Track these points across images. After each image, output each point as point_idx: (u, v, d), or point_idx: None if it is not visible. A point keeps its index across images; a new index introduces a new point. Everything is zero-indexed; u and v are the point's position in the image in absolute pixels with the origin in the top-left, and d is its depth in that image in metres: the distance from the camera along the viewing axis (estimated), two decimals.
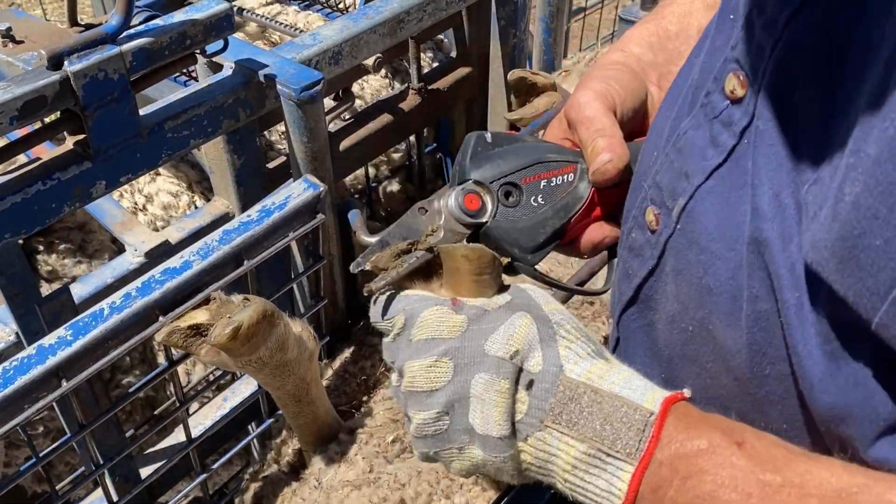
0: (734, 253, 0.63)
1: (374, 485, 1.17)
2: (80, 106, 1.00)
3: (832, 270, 0.52)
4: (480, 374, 0.67)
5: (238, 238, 1.09)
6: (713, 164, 0.66)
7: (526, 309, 0.70)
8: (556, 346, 0.68)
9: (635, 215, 0.78)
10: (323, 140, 1.20)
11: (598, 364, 0.68)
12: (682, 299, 0.70)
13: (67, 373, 0.96)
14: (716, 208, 0.65)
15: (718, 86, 0.66)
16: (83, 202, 1.06)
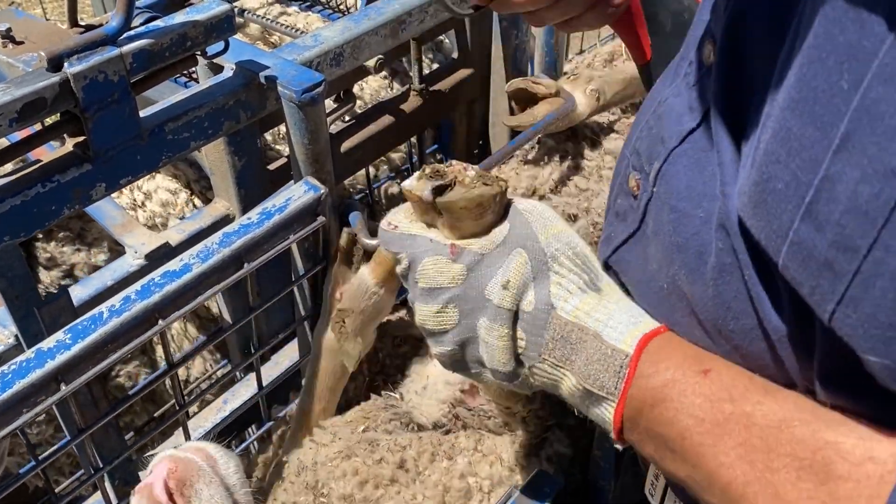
0: (700, 210, 0.66)
1: (367, 450, 1.17)
2: (80, 108, 0.99)
3: (749, 215, 0.56)
4: (483, 318, 0.74)
5: (238, 241, 1.09)
6: (688, 128, 0.69)
7: (522, 244, 0.73)
8: (547, 283, 0.72)
9: (620, 182, 0.81)
10: (324, 142, 1.19)
11: (587, 299, 0.71)
12: (658, 258, 0.73)
13: (66, 376, 0.96)
14: (686, 169, 0.68)
15: (699, 56, 0.70)
16: (83, 204, 1.05)
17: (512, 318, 0.72)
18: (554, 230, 0.74)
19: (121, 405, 1.11)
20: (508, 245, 0.73)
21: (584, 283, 0.72)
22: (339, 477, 1.16)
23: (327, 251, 1.26)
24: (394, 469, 1.16)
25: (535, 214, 0.74)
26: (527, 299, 0.72)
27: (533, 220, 0.74)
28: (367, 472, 1.15)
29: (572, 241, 0.73)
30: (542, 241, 0.72)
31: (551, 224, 0.74)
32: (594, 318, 0.70)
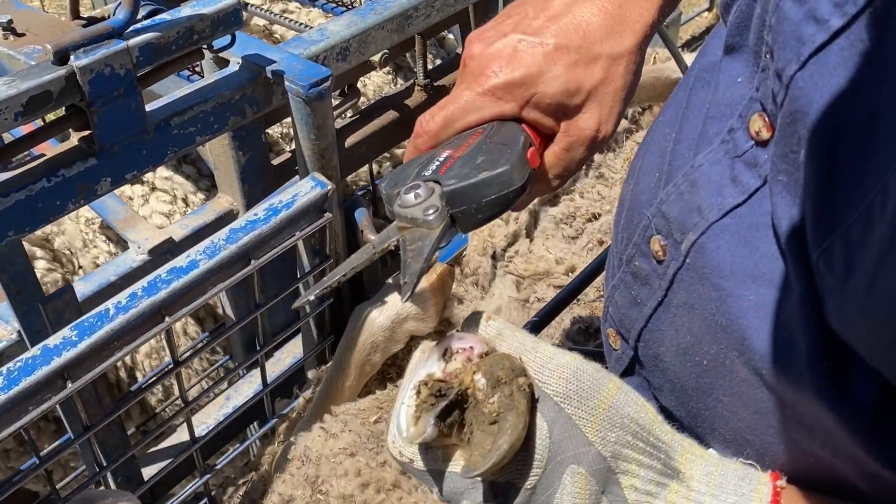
0: (750, 293, 0.62)
1: (372, 450, 1.16)
2: (85, 101, 0.98)
3: (862, 347, 0.51)
4: None
5: (245, 237, 1.07)
6: (732, 202, 0.64)
7: (574, 455, 0.60)
8: (620, 489, 0.61)
9: (637, 242, 0.76)
10: (330, 137, 1.18)
11: (671, 495, 0.62)
12: (695, 333, 0.68)
13: (73, 374, 0.95)
14: (730, 246, 0.64)
15: (743, 124, 0.64)
16: (88, 199, 1.04)
17: None
18: (602, 409, 0.61)
19: (125, 403, 1.09)
20: (558, 462, 0.60)
21: (659, 474, 0.62)
22: (340, 475, 1.15)
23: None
24: (397, 474, 1.14)
25: (573, 400, 0.61)
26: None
27: (573, 410, 0.60)
28: (370, 475, 1.14)
29: (627, 416, 0.61)
30: (595, 439, 0.60)
31: (596, 402, 0.61)
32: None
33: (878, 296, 0.47)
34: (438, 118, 0.75)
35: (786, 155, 0.57)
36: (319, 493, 1.16)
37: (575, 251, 1.62)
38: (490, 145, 0.72)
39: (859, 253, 0.49)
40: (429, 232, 0.68)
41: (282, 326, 1.42)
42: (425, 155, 0.75)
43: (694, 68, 0.79)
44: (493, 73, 0.73)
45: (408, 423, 0.61)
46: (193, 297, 1.04)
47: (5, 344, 1.13)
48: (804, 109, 0.53)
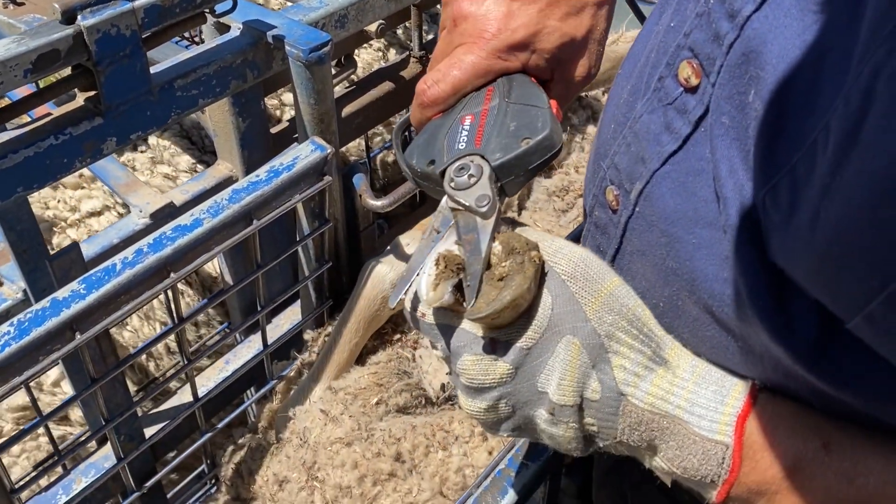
0: (693, 236, 0.64)
1: (366, 441, 1.19)
2: (92, 61, 1.00)
3: (806, 280, 0.53)
4: (541, 409, 0.67)
5: (248, 197, 1.10)
6: (668, 150, 0.66)
7: (571, 328, 0.64)
8: (609, 367, 0.64)
9: (595, 193, 0.78)
10: (330, 102, 1.21)
11: (657, 379, 0.65)
12: (649, 277, 0.71)
13: (81, 326, 0.97)
14: (672, 192, 0.66)
15: (671, 71, 0.66)
16: (94, 158, 1.06)
17: (576, 409, 0.66)
18: (603, 294, 0.64)
19: (130, 358, 1.12)
20: (555, 331, 0.64)
21: (648, 359, 0.65)
22: (337, 465, 1.18)
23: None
24: (392, 462, 1.17)
25: (578, 280, 0.64)
26: (590, 388, 0.65)
27: (577, 289, 0.64)
28: (367, 467, 1.16)
29: (625, 305, 0.65)
30: (593, 317, 0.64)
31: (599, 287, 0.64)
32: (674, 405, 0.64)
33: (820, 229, 0.49)
34: (445, 85, 0.76)
35: (731, 97, 0.59)
36: (315, 480, 1.19)
37: (563, 224, 1.65)
38: (514, 107, 0.73)
39: (803, 189, 0.51)
40: (483, 222, 0.69)
41: (280, 293, 1.44)
42: (442, 122, 0.76)
43: (653, 18, 0.80)
44: (493, 35, 0.75)
45: (427, 289, 0.65)
46: (197, 254, 1.07)
47: (11, 303, 1.16)
48: (758, 49, 0.55)
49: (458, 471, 1.19)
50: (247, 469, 1.32)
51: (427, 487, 1.17)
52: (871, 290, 0.48)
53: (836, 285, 0.51)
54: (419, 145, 0.75)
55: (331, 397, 1.28)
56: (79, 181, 1.64)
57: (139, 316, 1.62)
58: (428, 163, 0.73)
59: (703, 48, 0.62)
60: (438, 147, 0.73)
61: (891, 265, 0.46)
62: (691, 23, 0.64)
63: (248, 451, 1.32)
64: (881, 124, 0.44)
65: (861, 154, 0.45)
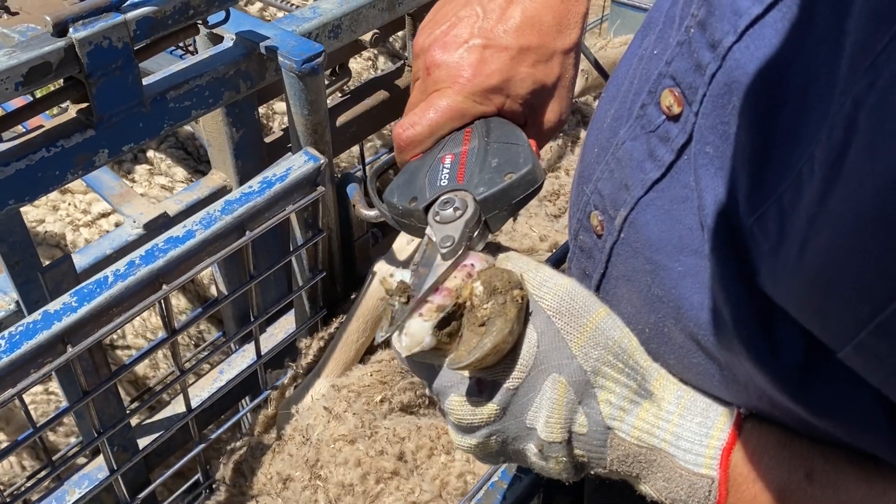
0: (679, 264, 0.64)
1: (370, 438, 1.18)
2: (84, 73, 1.00)
3: (796, 309, 0.53)
4: (530, 445, 0.68)
5: (241, 208, 1.10)
6: (652, 177, 0.66)
7: (557, 366, 0.64)
8: (595, 402, 0.65)
9: (579, 218, 0.78)
10: (323, 113, 1.21)
11: (643, 413, 0.66)
12: (635, 303, 0.71)
13: (72, 338, 0.97)
14: (657, 220, 0.66)
15: (653, 99, 0.66)
16: (86, 170, 1.06)
17: (565, 444, 0.66)
18: (589, 328, 0.65)
19: (123, 370, 1.12)
20: (541, 369, 0.64)
21: (634, 393, 0.66)
22: (340, 463, 1.18)
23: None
24: (395, 461, 1.17)
25: (563, 316, 0.65)
26: (577, 423, 0.66)
27: (563, 325, 0.65)
28: (370, 465, 1.16)
29: (611, 338, 0.65)
30: (579, 353, 0.64)
31: (584, 321, 0.65)
32: (660, 438, 0.65)
33: (808, 258, 0.49)
34: (421, 128, 0.77)
35: (715, 126, 0.58)
36: (318, 479, 1.19)
37: (558, 228, 1.64)
38: (495, 146, 0.74)
39: (791, 219, 0.51)
40: (439, 262, 0.68)
41: (274, 303, 1.44)
42: (421, 163, 0.77)
43: (636, 41, 0.80)
44: (468, 80, 0.76)
45: (406, 338, 0.65)
46: (190, 266, 1.07)
47: (3, 314, 1.15)
48: (740, 80, 0.55)
49: (459, 476, 1.19)
50: (248, 468, 1.32)
51: (428, 489, 1.17)
52: (861, 319, 0.47)
53: (825, 315, 0.51)
54: (399, 185, 0.76)
55: (334, 395, 1.28)
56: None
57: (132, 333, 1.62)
58: (410, 200, 0.73)
59: (685, 77, 0.62)
60: (419, 185, 0.74)
61: (879, 295, 0.46)
62: (672, 51, 0.64)
63: (248, 450, 1.32)
64: (863, 155, 0.44)
65: (845, 184, 0.45)
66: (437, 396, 0.69)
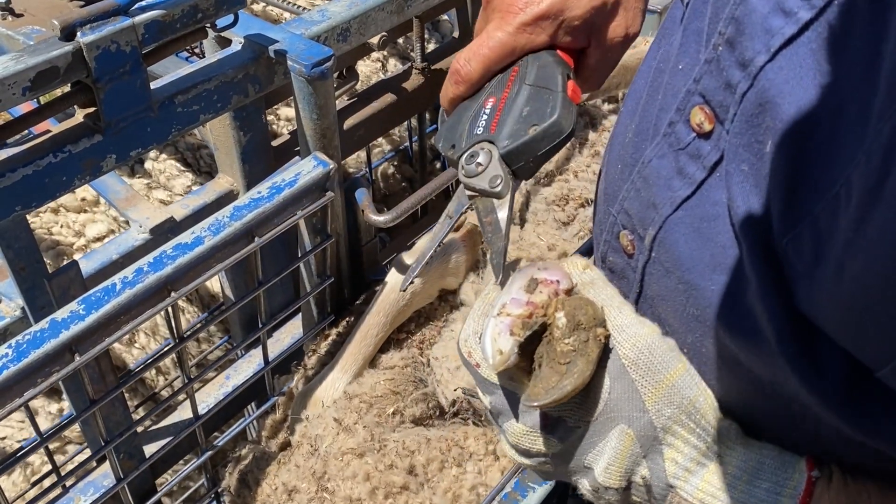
0: (712, 283, 0.63)
1: (379, 452, 1.17)
2: (92, 78, 0.98)
3: (832, 330, 0.52)
4: (584, 480, 0.67)
5: (249, 214, 1.09)
6: (681, 195, 0.65)
7: (627, 417, 0.63)
8: (661, 458, 0.64)
9: (607, 239, 0.77)
10: (332, 117, 1.19)
11: (708, 475, 0.64)
12: (671, 323, 0.70)
13: (80, 347, 0.96)
14: (687, 239, 0.65)
15: (682, 117, 0.64)
16: (94, 175, 1.05)
17: (621, 490, 0.66)
18: (664, 385, 0.63)
19: (130, 378, 1.11)
20: (610, 417, 0.63)
21: (701, 455, 0.64)
22: (348, 476, 1.16)
23: None
24: (405, 475, 1.16)
25: (640, 369, 0.64)
26: (639, 474, 0.65)
27: (638, 377, 0.63)
28: (379, 479, 1.15)
29: (686, 398, 0.64)
30: (651, 408, 0.63)
31: (661, 378, 0.63)
32: (724, 503, 0.63)
33: (845, 282, 0.49)
34: (476, 64, 0.77)
35: (750, 145, 0.57)
36: (325, 492, 1.18)
37: (566, 238, 1.63)
38: (531, 90, 0.74)
39: (826, 241, 0.50)
40: (499, 202, 0.72)
41: (280, 308, 1.43)
42: (470, 105, 0.78)
43: (652, 52, 0.78)
44: (520, 10, 0.75)
45: (493, 352, 0.63)
46: (198, 273, 1.05)
47: (9, 321, 1.14)
48: (774, 100, 0.54)
49: (471, 489, 1.17)
50: (253, 479, 1.30)
51: (439, 503, 1.15)
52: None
53: (862, 337, 0.50)
54: (447, 128, 0.78)
55: (345, 405, 1.27)
56: (81, 205, 1.62)
57: (145, 332, 1.61)
58: (450, 147, 0.76)
59: (715, 95, 0.61)
60: (460, 132, 0.76)
61: None
62: (701, 68, 0.62)
63: (253, 460, 1.31)
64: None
65: (884, 212, 0.45)
66: (495, 415, 0.68)
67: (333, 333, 1.37)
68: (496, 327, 0.64)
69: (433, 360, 1.34)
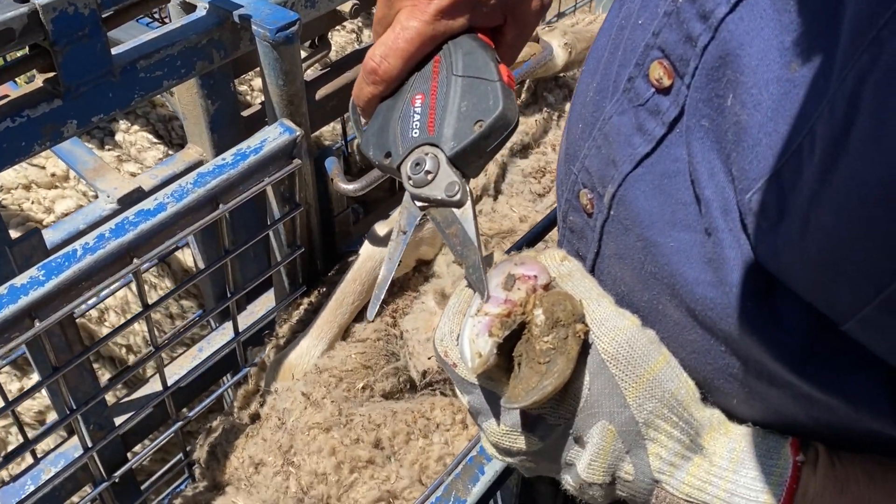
0: (671, 240, 0.62)
1: (345, 426, 1.16)
2: (49, 41, 0.97)
3: (798, 285, 0.52)
4: (567, 476, 0.66)
5: (213, 181, 1.08)
6: (641, 152, 0.64)
7: (608, 413, 0.62)
8: (644, 454, 0.63)
9: (568, 198, 0.76)
10: (299, 83, 1.18)
11: (693, 468, 0.64)
12: (628, 282, 0.69)
13: (40, 313, 0.95)
14: (646, 196, 0.64)
15: (641, 72, 0.63)
16: (54, 141, 1.04)
17: (605, 486, 0.65)
18: (645, 379, 0.62)
19: (95, 346, 1.10)
20: (590, 413, 0.62)
21: (685, 448, 0.64)
22: (314, 451, 1.16)
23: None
24: (370, 449, 1.15)
25: (620, 363, 0.62)
26: (623, 470, 0.64)
27: (618, 371, 0.62)
28: (345, 454, 1.14)
29: (667, 390, 0.63)
30: (633, 403, 0.62)
31: (641, 371, 0.62)
32: (712, 494, 0.63)
33: (811, 237, 0.48)
34: (394, 60, 0.71)
35: (710, 100, 0.56)
36: (291, 466, 1.17)
37: (539, 209, 1.62)
38: (463, 82, 0.69)
39: (790, 195, 0.49)
40: (460, 211, 0.66)
41: (252, 279, 1.42)
42: (394, 104, 0.72)
43: (614, 10, 0.76)
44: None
45: (472, 354, 0.62)
46: (161, 239, 1.05)
47: None
48: (735, 53, 0.53)
49: (438, 459, 1.17)
50: (222, 451, 1.30)
51: (406, 475, 1.15)
52: (864, 295, 0.46)
53: (828, 291, 0.50)
54: (374, 133, 0.72)
55: (314, 378, 1.26)
56: (52, 181, 1.60)
57: (115, 311, 1.59)
58: (384, 155, 0.70)
59: (675, 49, 0.60)
60: (392, 136, 0.70)
61: (884, 270, 0.45)
62: (660, 21, 0.61)
63: (223, 433, 1.30)
64: (869, 133, 0.43)
65: (850, 163, 0.44)
66: (474, 414, 0.67)
67: (305, 303, 1.36)
68: (474, 328, 0.62)
69: (405, 332, 1.33)
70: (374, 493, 1.13)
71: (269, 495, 1.18)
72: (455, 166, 0.67)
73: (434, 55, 0.71)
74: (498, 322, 0.61)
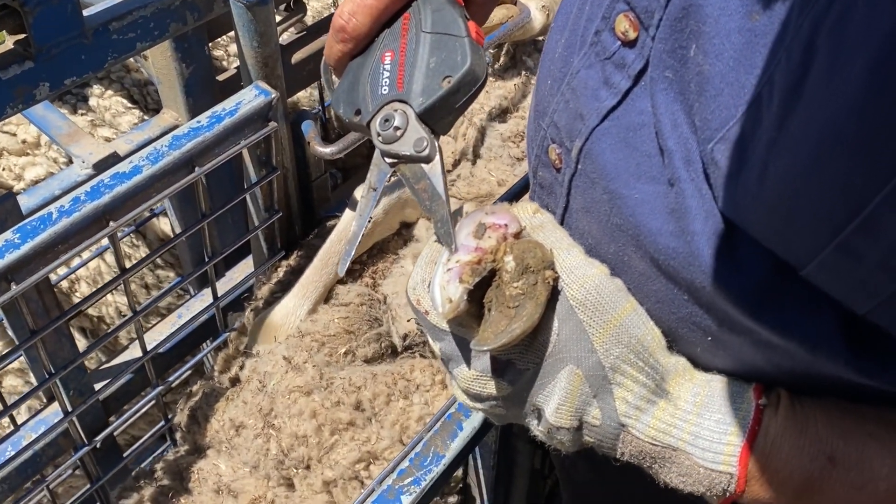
0: (636, 192, 0.63)
1: (326, 390, 1.17)
2: (19, 1, 0.96)
3: (757, 231, 0.53)
4: (534, 421, 0.68)
5: (189, 143, 1.07)
6: (607, 105, 0.65)
7: (576, 358, 0.64)
8: (611, 398, 0.65)
9: (538, 154, 0.77)
10: (273, 45, 1.17)
11: (659, 412, 0.65)
12: (595, 235, 0.70)
13: (16, 276, 0.94)
14: (612, 148, 0.65)
15: (608, 25, 0.64)
16: (26, 104, 1.03)
17: (573, 431, 0.67)
18: (613, 325, 0.64)
19: (73, 309, 1.10)
20: (559, 358, 0.64)
21: (651, 392, 0.65)
22: (294, 414, 1.17)
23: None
24: (351, 411, 1.16)
25: (588, 309, 0.64)
26: (590, 415, 0.65)
27: (586, 317, 0.64)
28: (325, 416, 1.15)
29: (634, 336, 0.64)
30: (600, 349, 0.64)
31: (609, 317, 0.64)
32: (676, 437, 0.65)
33: (768, 183, 0.49)
34: (362, 17, 0.71)
35: (674, 51, 0.57)
36: (271, 428, 1.18)
37: (517, 174, 1.63)
38: (432, 38, 0.69)
39: (750, 143, 0.50)
40: (429, 166, 0.67)
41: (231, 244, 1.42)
42: (364, 62, 0.72)
43: None
44: None
45: (442, 300, 0.63)
46: (137, 202, 1.04)
47: None
48: (698, 3, 0.54)
49: (419, 420, 1.18)
50: (202, 415, 1.31)
51: (386, 436, 1.16)
52: (821, 240, 0.48)
53: (787, 237, 0.51)
54: (344, 91, 0.72)
55: (296, 343, 1.26)
56: (23, 147, 1.59)
57: (87, 282, 1.59)
58: (354, 112, 0.70)
59: (640, 1, 0.60)
60: (362, 94, 0.70)
61: (840, 215, 0.46)
62: None
63: (203, 396, 1.31)
64: (823, 79, 0.44)
65: (805, 108, 0.45)
66: (445, 361, 0.68)
67: (284, 265, 1.36)
68: (445, 275, 0.64)
69: (389, 294, 1.34)
70: (354, 454, 1.14)
71: (250, 457, 1.19)
72: (424, 122, 0.67)
73: (404, 12, 0.71)
74: (468, 269, 0.62)
